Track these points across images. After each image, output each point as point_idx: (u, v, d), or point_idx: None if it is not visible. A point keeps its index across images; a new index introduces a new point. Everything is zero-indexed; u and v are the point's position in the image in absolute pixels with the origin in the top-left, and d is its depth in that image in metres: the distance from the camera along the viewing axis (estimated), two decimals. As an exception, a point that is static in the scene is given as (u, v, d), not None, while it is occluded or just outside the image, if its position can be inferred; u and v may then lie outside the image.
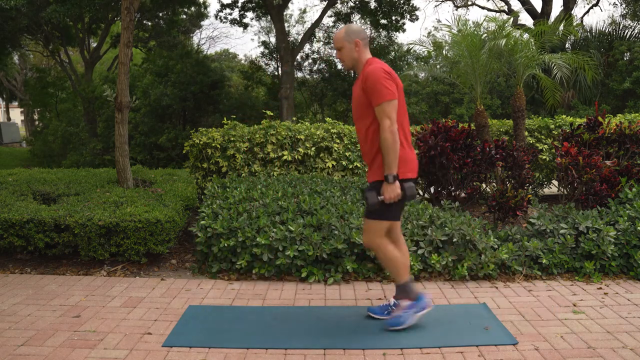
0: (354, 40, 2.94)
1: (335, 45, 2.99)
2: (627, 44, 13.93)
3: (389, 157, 2.80)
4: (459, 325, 3.10)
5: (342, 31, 2.96)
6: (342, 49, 2.96)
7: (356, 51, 2.95)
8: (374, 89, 2.80)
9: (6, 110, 37.04)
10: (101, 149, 16.40)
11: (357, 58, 2.97)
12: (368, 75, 2.83)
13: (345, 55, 2.97)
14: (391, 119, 2.79)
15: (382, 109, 2.80)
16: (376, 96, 2.80)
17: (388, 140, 2.78)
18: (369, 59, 2.96)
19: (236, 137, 5.60)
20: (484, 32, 6.17)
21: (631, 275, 3.95)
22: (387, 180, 2.82)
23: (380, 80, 2.79)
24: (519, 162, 5.04)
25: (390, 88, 2.80)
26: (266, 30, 23.44)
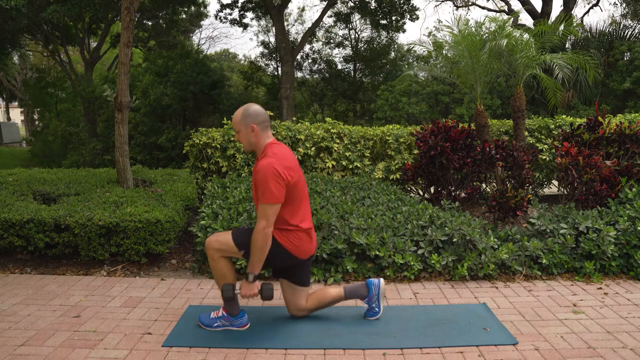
0: (249, 124, 2.84)
1: (234, 127, 2.90)
2: (627, 44, 13.93)
3: (254, 256, 2.79)
4: (459, 325, 3.10)
5: (239, 113, 2.86)
6: (239, 132, 2.88)
7: (253, 136, 2.86)
8: (260, 188, 2.73)
9: (6, 110, 37.03)
10: (101, 149, 16.40)
11: (254, 142, 2.88)
12: (259, 170, 2.74)
13: (242, 139, 2.89)
14: (268, 221, 2.74)
15: (262, 209, 2.74)
16: (260, 194, 2.74)
17: (258, 242, 2.75)
18: (267, 145, 2.87)
19: (236, 137, 5.60)
20: (484, 32, 6.16)
21: (631, 275, 3.95)
22: (247, 278, 2.86)
23: (268, 181, 2.70)
24: (519, 162, 5.04)
25: (275, 192, 2.72)
26: (266, 30, 23.46)
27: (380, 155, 5.87)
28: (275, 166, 2.74)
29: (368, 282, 3.19)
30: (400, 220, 4.16)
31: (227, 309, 3.04)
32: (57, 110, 21.68)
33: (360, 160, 5.73)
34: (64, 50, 19.18)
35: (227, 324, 3.05)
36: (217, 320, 3.05)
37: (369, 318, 3.20)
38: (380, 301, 3.18)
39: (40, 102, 23.01)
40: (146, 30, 19.14)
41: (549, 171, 6.48)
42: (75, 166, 14.22)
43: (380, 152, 5.86)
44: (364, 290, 3.18)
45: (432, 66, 7.88)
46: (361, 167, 5.71)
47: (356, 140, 5.76)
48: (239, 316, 3.06)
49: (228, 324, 3.05)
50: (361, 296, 3.19)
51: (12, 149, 26.14)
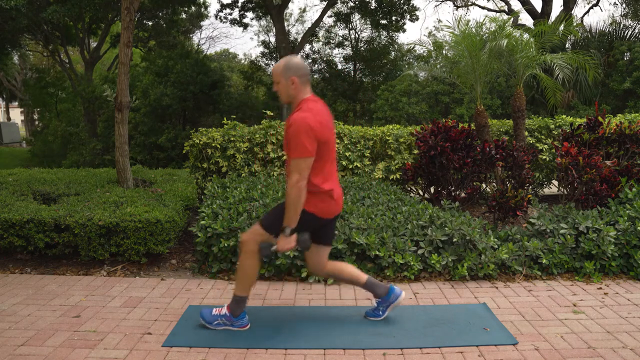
0: (290, 77, 2.83)
1: (273, 78, 2.89)
2: (627, 44, 13.93)
3: (289, 211, 2.77)
4: (459, 325, 3.10)
5: (281, 65, 2.85)
6: (279, 84, 2.86)
7: (292, 88, 2.84)
8: (293, 141, 2.72)
9: (6, 110, 37.04)
10: (101, 149, 16.40)
11: (292, 95, 2.86)
12: (292, 123, 2.73)
13: (281, 91, 2.88)
14: (301, 174, 2.72)
15: (295, 163, 2.73)
16: (292, 148, 2.73)
17: (292, 196, 2.74)
18: (303, 99, 2.86)
19: (236, 137, 5.60)
20: (484, 32, 6.16)
21: (631, 275, 3.95)
22: (284, 232, 2.83)
23: (301, 135, 2.69)
24: (519, 162, 5.04)
25: (307, 145, 2.70)
26: (266, 30, 23.46)
27: (380, 155, 5.87)
28: (309, 120, 2.72)
29: (392, 287, 3.16)
30: (400, 220, 4.16)
31: (231, 308, 3.03)
32: (57, 110, 21.68)
33: (360, 160, 5.73)
34: (64, 50, 19.18)
35: (227, 323, 3.05)
36: (218, 318, 3.05)
37: (369, 318, 3.21)
38: (387, 309, 3.18)
39: (40, 102, 23.01)
40: (146, 30, 19.14)
41: (549, 171, 6.48)
42: (75, 166, 14.21)
43: (380, 152, 5.86)
44: (382, 291, 3.16)
45: (432, 66, 7.89)
46: (361, 167, 5.70)
47: (356, 140, 5.76)
48: (240, 317, 3.06)
49: (229, 323, 3.05)
50: (377, 295, 3.16)
51: (12, 149, 26.14)
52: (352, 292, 3.69)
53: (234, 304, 3.03)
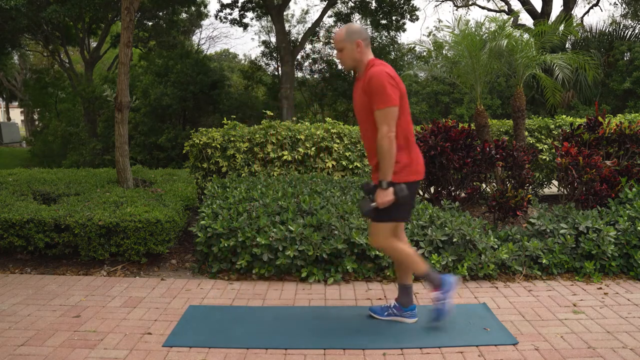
0: (355, 40, 2.86)
1: (336, 45, 2.90)
2: (627, 44, 13.93)
3: (384, 163, 2.78)
4: (459, 325, 3.10)
5: (343, 31, 2.89)
6: (343, 50, 2.89)
7: (357, 52, 2.88)
8: (376, 93, 2.75)
9: (6, 110, 37.03)
10: (101, 149, 16.40)
11: (358, 59, 2.90)
12: (371, 77, 2.77)
13: (346, 56, 2.90)
14: (389, 125, 2.75)
15: (382, 114, 2.75)
16: (377, 101, 2.76)
17: (384, 147, 2.75)
18: (370, 59, 2.90)
19: (236, 137, 5.60)
20: (484, 32, 6.16)
21: (631, 275, 3.95)
22: (381, 185, 2.81)
23: (384, 85, 2.73)
24: (519, 162, 5.03)
25: (392, 94, 2.75)
26: (266, 30, 23.45)
27: (380, 155, 5.86)
28: (387, 71, 2.78)
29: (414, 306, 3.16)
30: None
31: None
32: (57, 110, 21.68)
33: (360, 160, 5.73)
34: (64, 50, 19.18)
35: (397, 314, 3.10)
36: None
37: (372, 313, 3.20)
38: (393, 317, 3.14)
39: (40, 102, 23.01)
40: (146, 30, 19.13)
41: (549, 171, 6.48)
42: (75, 166, 14.21)
43: (380, 152, 5.85)
44: (408, 301, 3.14)
45: (432, 66, 7.88)
46: (361, 167, 5.70)
47: (356, 140, 5.76)
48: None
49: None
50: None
51: (12, 149, 26.14)
52: (352, 292, 3.69)
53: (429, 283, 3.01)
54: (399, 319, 3.15)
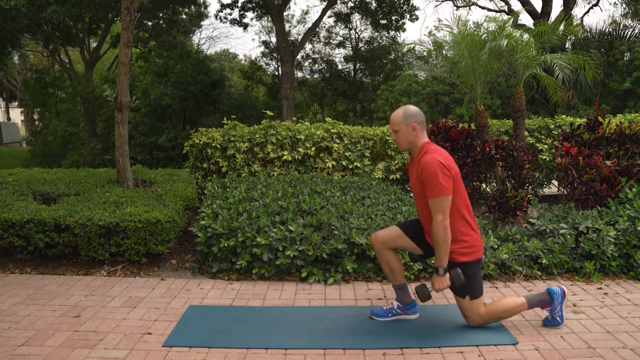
0: (411, 124, 2.93)
1: (392, 127, 2.97)
2: (627, 44, 13.92)
3: (440, 251, 2.84)
4: (459, 325, 3.10)
5: (400, 113, 2.95)
6: (399, 132, 2.95)
7: (413, 135, 2.94)
8: (430, 183, 2.81)
9: (6, 110, 37.04)
10: (101, 149, 16.40)
11: (413, 142, 2.96)
12: (425, 166, 2.84)
13: (401, 139, 2.97)
14: (444, 214, 2.81)
15: (436, 203, 2.81)
16: (431, 190, 2.82)
17: (440, 235, 2.82)
18: (425, 143, 2.96)
19: (236, 137, 5.60)
20: (484, 32, 6.16)
21: (631, 275, 3.95)
22: (438, 272, 2.89)
23: (437, 174, 2.79)
24: (519, 162, 5.03)
25: (445, 184, 2.80)
26: (266, 30, 23.45)
27: (380, 155, 5.87)
28: (440, 159, 2.84)
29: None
30: (400, 221, 4.16)
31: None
32: (57, 110, 21.67)
33: (360, 160, 5.73)
34: (64, 50, 19.18)
35: (401, 312, 3.17)
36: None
37: (374, 317, 3.20)
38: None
39: (40, 102, 23.01)
40: (146, 30, 19.13)
41: (549, 171, 6.48)
42: (75, 166, 14.20)
43: (380, 152, 5.85)
44: (408, 299, 3.21)
45: (432, 66, 7.88)
46: (361, 167, 5.71)
47: (356, 140, 5.76)
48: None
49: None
50: (402, 301, 3.21)
51: (12, 149, 26.13)
52: (352, 292, 3.70)
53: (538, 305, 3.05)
54: (404, 317, 3.21)
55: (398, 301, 3.20)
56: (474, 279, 2.95)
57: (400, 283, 3.20)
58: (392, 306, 3.21)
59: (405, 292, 3.20)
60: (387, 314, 3.20)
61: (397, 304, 3.20)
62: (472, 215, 3.00)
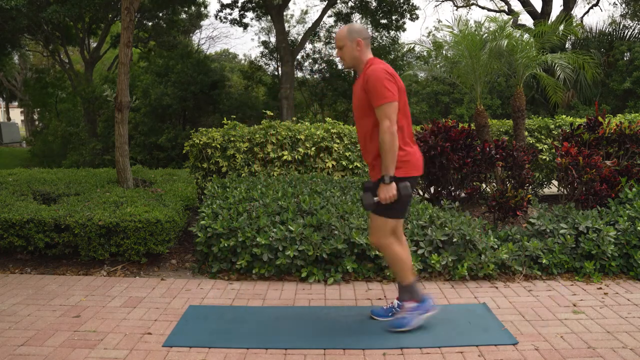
0: (355, 39, 2.91)
1: (337, 43, 2.95)
2: (627, 44, 13.93)
3: (387, 158, 2.80)
4: (459, 325, 3.10)
5: (344, 30, 2.94)
6: (343, 48, 2.93)
7: (357, 50, 2.92)
8: (375, 90, 2.79)
9: (6, 110, 37.03)
10: (101, 149, 16.40)
11: (358, 57, 2.94)
12: (369, 75, 2.82)
13: (346, 54, 2.94)
14: (391, 120, 2.78)
15: (382, 110, 2.79)
16: (377, 97, 2.79)
17: (386, 142, 2.78)
18: (370, 58, 2.94)
19: (236, 137, 5.60)
20: (484, 32, 6.16)
21: (631, 275, 3.95)
22: (384, 180, 2.82)
23: (382, 81, 2.78)
24: (519, 162, 5.03)
25: (391, 90, 2.80)
26: (266, 30, 23.44)
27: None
28: (386, 68, 2.83)
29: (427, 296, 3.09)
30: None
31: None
32: (57, 110, 21.67)
33: (360, 160, 5.73)
34: (64, 50, 19.17)
35: (422, 312, 3.02)
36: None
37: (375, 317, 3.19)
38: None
39: (40, 102, 23.00)
40: (146, 30, 19.12)
41: (549, 171, 6.48)
42: (75, 166, 14.20)
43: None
44: (419, 297, 3.08)
45: (432, 66, 7.88)
46: (361, 167, 5.70)
47: (356, 140, 5.76)
48: (424, 299, 3.04)
49: (421, 310, 3.02)
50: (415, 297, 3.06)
51: (12, 149, 26.14)
52: (352, 292, 3.70)
53: (408, 294, 3.03)
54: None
55: (399, 300, 3.18)
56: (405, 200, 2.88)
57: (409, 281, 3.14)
58: (392, 305, 3.20)
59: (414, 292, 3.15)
60: (387, 313, 3.19)
61: (397, 302, 3.18)
62: (411, 132, 2.96)
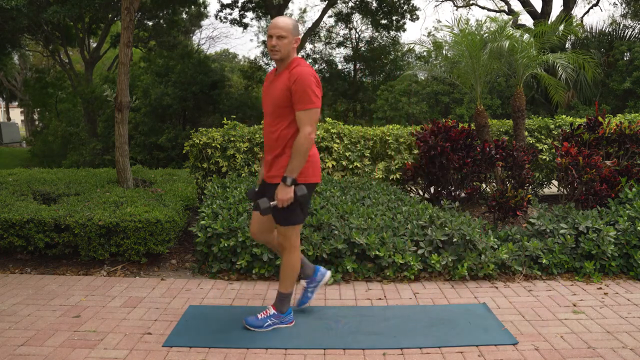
0: (296, 36, 2.86)
1: (278, 32, 2.80)
2: (627, 44, 13.92)
3: (297, 162, 2.79)
4: (459, 325, 3.10)
5: (289, 22, 2.85)
6: (284, 39, 2.81)
7: (293, 47, 2.87)
8: (304, 93, 2.75)
9: (6, 110, 37.04)
10: (101, 149, 16.40)
11: (289, 54, 2.87)
12: (299, 77, 2.76)
13: (285, 47, 2.82)
14: (312, 126, 2.78)
15: (307, 114, 2.77)
16: (304, 101, 2.76)
17: (304, 147, 2.77)
18: (296, 58, 2.90)
19: (236, 137, 5.60)
20: (484, 32, 6.16)
21: (631, 275, 3.95)
22: (285, 182, 2.80)
23: (311, 86, 2.76)
24: (519, 162, 5.04)
25: (318, 96, 2.79)
26: (266, 30, 23.43)
27: (380, 155, 5.87)
28: (313, 72, 2.81)
29: (317, 267, 3.31)
30: (400, 220, 4.16)
31: (277, 307, 3.07)
32: (57, 110, 21.67)
33: (360, 160, 5.73)
34: (64, 50, 19.17)
35: (277, 321, 3.07)
36: (268, 319, 3.05)
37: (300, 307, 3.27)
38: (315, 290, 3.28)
39: (40, 102, 23.00)
40: (146, 30, 19.12)
41: (549, 171, 6.48)
42: (75, 166, 14.20)
43: (380, 152, 5.85)
44: (310, 271, 3.27)
45: (432, 66, 7.89)
46: (361, 167, 5.70)
47: (356, 140, 5.76)
48: (288, 313, 3.10)
49: (278, 321, 3.07)
50: (306, 274, 3.26)
51: (12, 149, 26.14)
52: (352, 292, 3.70)
53: (279, 302, 3.07)
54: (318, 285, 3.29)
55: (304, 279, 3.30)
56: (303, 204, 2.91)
57: None
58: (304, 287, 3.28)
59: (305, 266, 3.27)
60: (306, 296, 3.27)
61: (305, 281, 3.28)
62: None
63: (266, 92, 2.96)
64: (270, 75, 3.00)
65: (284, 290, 3.07)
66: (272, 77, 2.96)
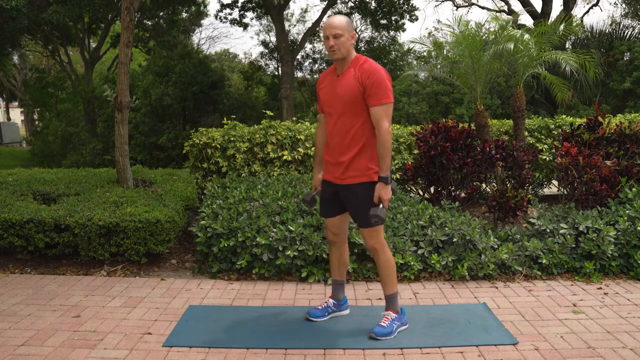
0: (352, 32, 2.86)
1: (333, 31, 2.78)
2: (627, 44, 13.93)
3: (387, 159, 2.79)
4: (459, 325, 3.10)
5: (344, 20, 2.82)
6: (341, 37, 2.79)
7: (351, 44, 2.86)
8: (379, 88, 2.75)
9: (6, 110, 37.03)
10: (101, 149, 16.39)
11: (349, 51, 2.85)
12: (372, 72, 2.76)
13: (343, 45, 2.80)
14: (389, 121, 2.79)
15: (384, 109, 2.77)
16: (379, 96, 2.75)
17: (388, 142, 2.77)
18: (357, 55, 2.90)
19: (236, 137, 5.60)
20: (484, 32, 6.16)
21: (631, 275, 3.95)
22: (387, 181, 2.80)
23: (386, 81, 2.77)
24: (519, 162, 5.04)
25: (391, 90, 2.81)
26: (266, 30, 23.44)
27: (380, 155, 5.86)
28: (384, 69, 2.82)
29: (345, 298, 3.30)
30: (400, 220, 4.16)
31: (393, 309, 3.02)
32: (57, 110, 21.64)
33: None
34: (64, 50, 19.15)
35: (399, 323, 3.03)
36: (393, 323, 3.00)
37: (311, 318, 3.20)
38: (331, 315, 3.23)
39: (40, 102, 22.98)
40: (146, 30, 19.12)
41: (549, 171, 6.48)
42: (75, 166, 14.20)
43: (380, 152, 5.84)
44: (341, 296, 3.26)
45: (432, 66, 7.86)
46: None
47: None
48: (403, 313, 3.08)
49: (400, 323, 3.03)
50: (336, 298, 3.24)
51: (12, 149, 26.12)
52: (352, 292, 3.70)
53: (392, 304, 3.03)
54: (338, 314, 3.25)
55: (333, 298, 3.25)
56: None
57: (343, 279, 3.26)
58: (328, 305, 3.23)
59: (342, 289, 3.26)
60: (322, 314, 3.20)
61: (333, 301, 3.23)
62: None
63: (330, 93, 2.91)
64: (327, 76, 2.97)
65: (390, 292, 3.01)
66: (332, 78, 2.93)
